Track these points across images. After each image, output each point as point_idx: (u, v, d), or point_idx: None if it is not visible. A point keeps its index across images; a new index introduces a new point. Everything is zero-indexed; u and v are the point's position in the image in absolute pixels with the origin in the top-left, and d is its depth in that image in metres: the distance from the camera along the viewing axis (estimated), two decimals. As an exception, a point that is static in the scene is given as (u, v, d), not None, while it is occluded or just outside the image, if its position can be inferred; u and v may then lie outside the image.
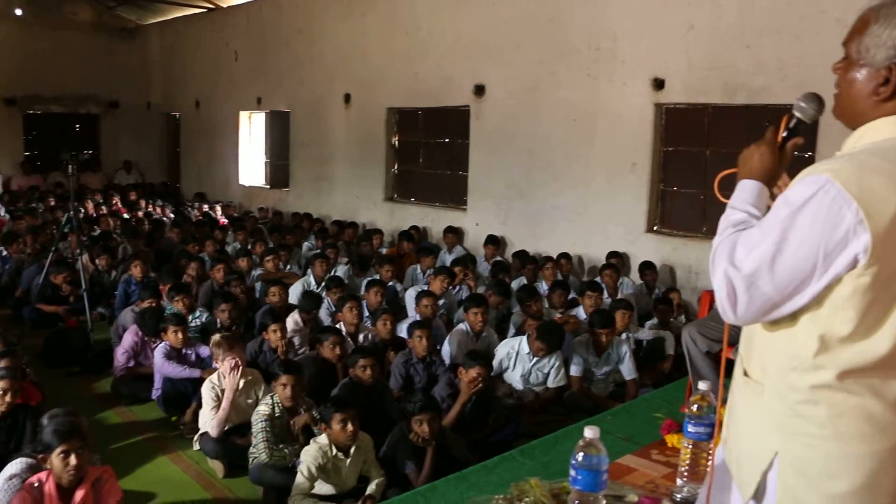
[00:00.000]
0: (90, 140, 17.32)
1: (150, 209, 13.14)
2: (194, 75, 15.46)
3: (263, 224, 11.46)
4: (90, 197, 13.49)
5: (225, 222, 11.73)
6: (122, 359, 5.66)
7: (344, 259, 8.64)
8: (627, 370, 5.58)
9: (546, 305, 6.78)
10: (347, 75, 11.66)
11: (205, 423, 4.58)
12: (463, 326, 5.91)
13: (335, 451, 3.86)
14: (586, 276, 8.43)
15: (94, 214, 11.98)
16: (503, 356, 5.57)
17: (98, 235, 9.83)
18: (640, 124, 8.02)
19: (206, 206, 13.39)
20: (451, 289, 7.25)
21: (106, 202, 13.37)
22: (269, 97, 13.45)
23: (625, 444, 3.59)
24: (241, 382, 4.63)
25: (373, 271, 8.03)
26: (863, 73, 1.60)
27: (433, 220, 10.59)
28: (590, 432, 2.20)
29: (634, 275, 7.92)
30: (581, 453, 2.20)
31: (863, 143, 1.60)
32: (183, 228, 10.35)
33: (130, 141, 17.28)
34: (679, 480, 2.85)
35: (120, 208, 12.93)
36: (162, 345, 5.40)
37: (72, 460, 3.14)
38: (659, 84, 7.81)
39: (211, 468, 4.48)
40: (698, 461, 2.69)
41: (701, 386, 2.68)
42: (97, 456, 3.86)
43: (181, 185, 16.47)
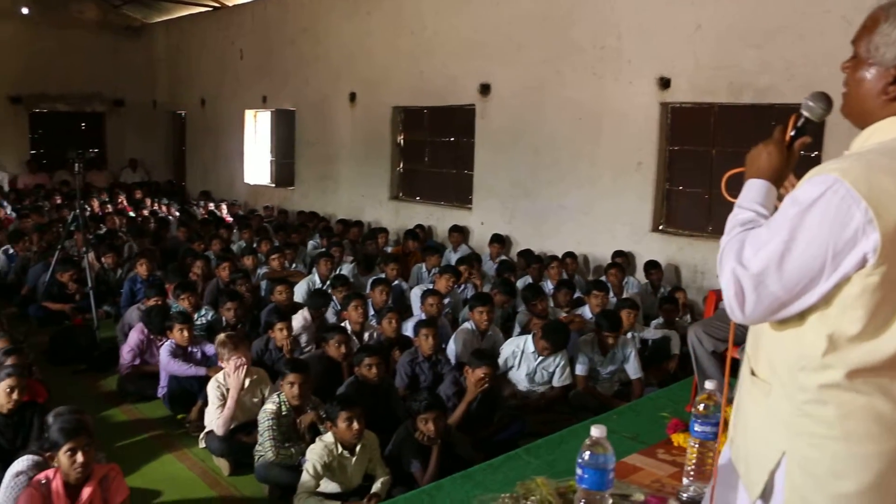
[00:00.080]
0: (96, 138, 17.34)
1: (156, 207, 13.15)
2: (200, 74, 15.49)
3: (269, 222, 11.49)
4: (96, 195, 13.55)
5: (230, 221, 11.74)
6: (128, 357, 5.68)
7: (349, 258, 8.66)
8: (633, 369, 5.58)
9: (551, 304, 6.78)
10: (353, 74, 11.67)
11: (210, 422, 4.59)
12: (468, 325, 5.90)
13: (341, 450, 3.86)
14: (592, 276, 8.42)
15: (100, 213, 12.00)
16: (508, 355, 5.57)
17: (104, 234, 9.87)
18: (646, 123, 8.01)
19: (212, 205, 13.40)
20: (457, 287, 7.24)
21: (112, 200, 13.41)
22: (275, 96, 13.46)
23: (630, 444, 3.58)
24: (247, 381, 4.63)
25: (378, 270, 8.02)
26: (872, 72, 1.60)
27: (438, 219, 10.60)
28: (597, 431, 2.20)
29: (640, 274, 7.91)
30: (588, 452, 2.20)
31: (871, 143, 1.59)
32: (189, 227, 10.37)
33: (136, 139, 17.32)
34: (685, 479, 2.86)
35: (126, 206, 12.94)
36: (168, 343, 5.41)
37: (78, 457, 3.15)
38: (665, 83, 7.79)
39: (217, 466, 4.49)
40: (704, 460, 2.69)
41: (707, 385, 2.67)
42: (103, 454, 3.87)
43: (187, 184, 16.49)
